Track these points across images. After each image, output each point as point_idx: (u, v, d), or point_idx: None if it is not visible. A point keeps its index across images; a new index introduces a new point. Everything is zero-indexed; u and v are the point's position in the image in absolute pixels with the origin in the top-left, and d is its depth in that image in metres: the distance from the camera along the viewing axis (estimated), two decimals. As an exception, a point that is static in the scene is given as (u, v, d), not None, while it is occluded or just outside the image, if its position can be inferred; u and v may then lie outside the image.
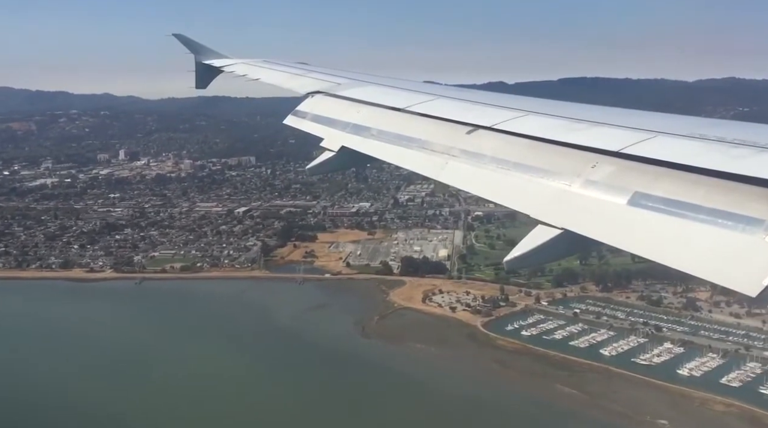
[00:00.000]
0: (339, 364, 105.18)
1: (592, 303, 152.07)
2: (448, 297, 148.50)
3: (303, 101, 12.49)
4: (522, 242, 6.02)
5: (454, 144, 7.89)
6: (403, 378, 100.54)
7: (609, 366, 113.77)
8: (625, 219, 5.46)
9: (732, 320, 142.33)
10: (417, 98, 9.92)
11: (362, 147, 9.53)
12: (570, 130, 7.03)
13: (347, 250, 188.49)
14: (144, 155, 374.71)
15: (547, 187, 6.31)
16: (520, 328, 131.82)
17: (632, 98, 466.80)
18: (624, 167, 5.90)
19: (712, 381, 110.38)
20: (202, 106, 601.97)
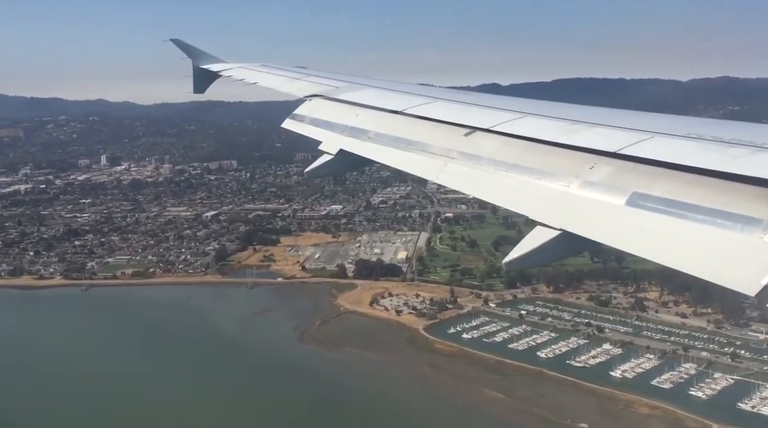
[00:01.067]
0: (264, 370, 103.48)
1: (542, 304, 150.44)
2: (396, 301, 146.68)
3: (301, 105, 12.27)
4: (521, 243, 5.91)
5: (453, 146, 7.78)
6: (327, 384, 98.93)
7: (543, 368, 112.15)
8: (623, 219, 5.38)
9: (677, 320, 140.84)
10: (415, 101, 9.78)
11: (361, 150, 9.38)
12: (568, 131, 6.97)
13: (307, 254, 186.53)
14: (127, 160, 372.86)
15: (545, 188, 6.24)
16: (463, 331, 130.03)
17: (626, 98, 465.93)
18: (622, 168, 5.84)
19: (643, 383, 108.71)
20: (195, 110, 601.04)
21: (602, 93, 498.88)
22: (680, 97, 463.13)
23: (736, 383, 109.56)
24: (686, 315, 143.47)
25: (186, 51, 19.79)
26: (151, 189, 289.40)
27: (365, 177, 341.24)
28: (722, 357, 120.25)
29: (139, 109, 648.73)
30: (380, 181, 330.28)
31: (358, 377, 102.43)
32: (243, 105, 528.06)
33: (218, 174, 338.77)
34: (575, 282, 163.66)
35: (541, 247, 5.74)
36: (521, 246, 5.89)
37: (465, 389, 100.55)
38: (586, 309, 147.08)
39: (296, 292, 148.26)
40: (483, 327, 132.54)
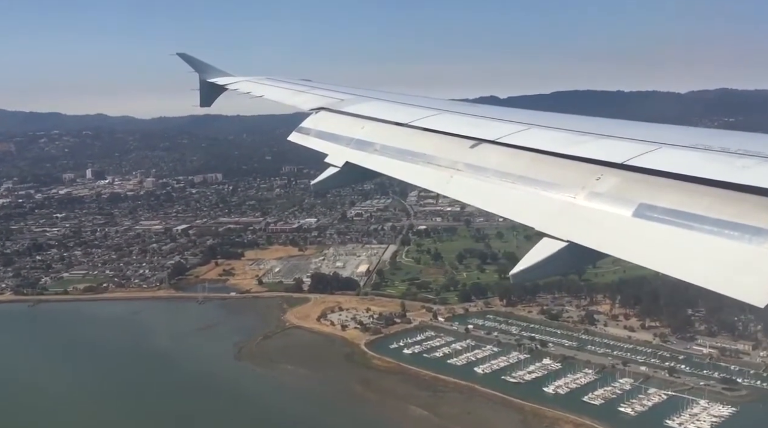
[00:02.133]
0: (188, 388, 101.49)
1: (492, 318, 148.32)
2: (345, 315, 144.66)
3: (307, 118, 12.10)
4: (527, 255, 5.77)
5: (459, 158, 7.68)
6: (248, 403, 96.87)
7: (477, 384, 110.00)
8: (630, 230, 5.28)
9: (625, 334, 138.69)
10: (420, 113, 9.66)
11: (366, 162, 9.24)
12: (574, 142, 6.86)
13: (267, 267, 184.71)
14: (115, 174, 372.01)
15: (551, 200, 6.15)
16: (405, 346, 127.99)
17: (625, 110, 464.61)
18: (629, 179, 5.74)
19: (574, 399, 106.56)
20: (192, 124, 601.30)
21: (601, 105, 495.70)
22: (677, 109, 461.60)
23: (668, 399, 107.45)
24: (634, 329, 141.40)
25: (192, 65, 19.62)
26: (129, 202, 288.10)
27: (347, 189, 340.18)
28: (660, 372, 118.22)
29: (138, 124, 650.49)
30: (361, 193, 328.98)
31: (284, 395, 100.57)
32: (241, 118, 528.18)
33: (201, 187, 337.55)
34: (529, 296, 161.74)
35: (548, 259, 5.61)
36: (528, 258, 5.75)
37: (391, 407, 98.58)
38: (535, 323, 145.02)
39: (246, 307, 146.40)
40: (426, 342, 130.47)
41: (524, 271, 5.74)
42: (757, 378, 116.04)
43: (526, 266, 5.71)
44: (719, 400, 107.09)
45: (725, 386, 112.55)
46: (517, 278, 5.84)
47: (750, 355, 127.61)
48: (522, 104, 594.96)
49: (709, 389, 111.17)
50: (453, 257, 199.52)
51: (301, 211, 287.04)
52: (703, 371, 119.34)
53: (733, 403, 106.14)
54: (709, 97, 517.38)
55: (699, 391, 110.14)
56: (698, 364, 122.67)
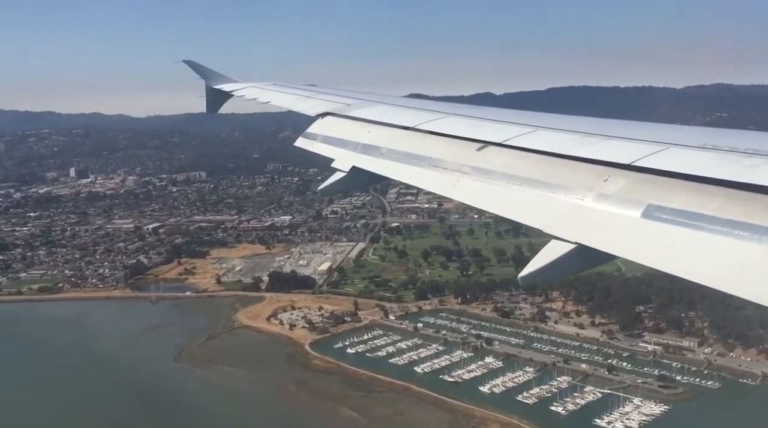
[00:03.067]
0: (121, 390, 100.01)
1: (444, 316, 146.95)
2: (296, 314, 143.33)
3: (313, 123, 11.96)
4: (536, 257, 5.69)
5: (465, 161, 7.58)
6: (176, 405, 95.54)
7: (413, 384, 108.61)
8: (639, 232, 5.21)
9: (574, 331, 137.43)
10: (426, 116, 9.58)
11: (373, 166, 9.14)
12: (581, 143, 6.79)
13: (230, 266, 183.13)
14: (100, 172, 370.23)
15: (559, 202, 6.06)
16: (349, 346, 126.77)
17: (621, 106, 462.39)
18: (637, 180, 5.67)
19: (508, 398, 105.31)
20: (186, 123, 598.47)
21: (597, 101, 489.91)
22: (671, 104, 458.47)
23: (603, 397, 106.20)
24: (584, 326, 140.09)
25: (198, 72, 19.56)
26: (106, 201, 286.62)
27: None
28: (600, 370, 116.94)
29: (134, 122, 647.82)
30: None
31: (214, 396, 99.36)
32: (235, 116, 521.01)
33: (183, 185, 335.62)
34: (485, 293, 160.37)
35: (557, 261, 5.51)
36: (537, 261, 5.65)
37: (322, 408, 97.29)
38: (486, 321, 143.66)
39: (199, 307, 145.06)
40: (372, 342, 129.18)
41: (533, 274, 5.64)
42: (695, 376, 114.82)
43: (534, 268, 5.63)
44: (653, 398, 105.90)
45: (662, 384, 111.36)
46: (526, 280, 5.72)
47: (694, 352, 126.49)
48: (518, 101, 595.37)
49: (646, 387, 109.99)
50: (419, 255, 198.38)
51: (278, 209, 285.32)
52: (644, 368, 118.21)
53: (667, 401, 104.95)
54: (705, 93, 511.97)
55: (635, 389, 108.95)
56: (641, 362, 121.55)
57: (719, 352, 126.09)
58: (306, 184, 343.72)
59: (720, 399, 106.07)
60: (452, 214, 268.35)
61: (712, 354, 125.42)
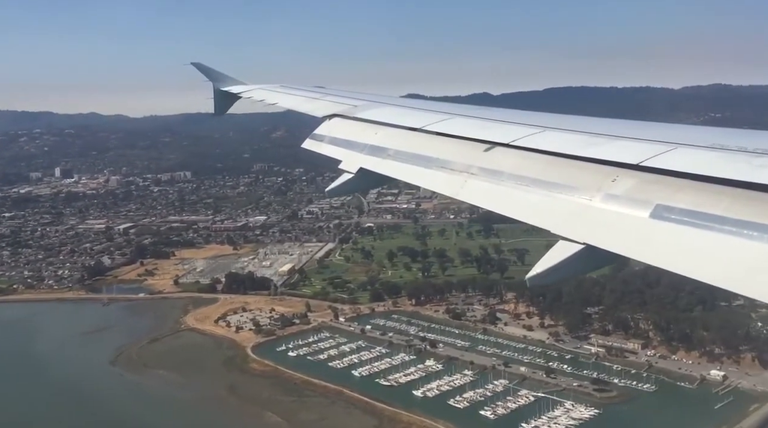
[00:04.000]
0: (48, 394, 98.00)
1: (396, 318, 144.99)
2: (246, 316, 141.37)
3: (320, 124, 11.80)
4: (544, 258, 5.62)
5: (473, 162, 7.51)
6: (99, 409, 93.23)
7: (346, 388, 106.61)
8: (647, 232, 5.14)
9: (522, 333, 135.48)
10: (434, 118, 9.44)
11: (381, 168, 9.02)
12: (588, 144, 6.72)
13: (192, 267, 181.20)
14: (86, 172, 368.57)
15: (567, 202, 5.99)
16: (293, 348, 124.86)
17: (618, 106, 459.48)
18: (644, 180, 5.60)
19: (440, 402, 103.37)
20: (182, 123, 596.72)
21: (594, 101, 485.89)
22: (669, 104, 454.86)
23: (535, 401, 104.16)
24: (532, 328, 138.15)
25: (206, 74, 19.39)
26: (85, 201, 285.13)
27: (312, 187, 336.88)
28: (539, 373, 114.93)
29: (131, 122, 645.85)
30: (320, 190, 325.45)
31: (139, 401, 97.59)
32: (231, 116, 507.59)
33: (167, 185, 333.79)
34: (441, 294, 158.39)
35: (565, 262, 5.44)
36: (544, 261, 5.58)
37: (247, 413, 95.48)
38: (437, 323, 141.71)
39: (150, 308, 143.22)
40: (316, 344, 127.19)
41: (540, 275, 5.54)
42: (633, 379, 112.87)
43: (542, 269, 5.53)
44: (586, 402, 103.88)
45: (596, 387, 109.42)
46: (534, 281, 5.62)
47: (637, 354, 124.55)
48: (515, 101, 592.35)
49: (581, 390, 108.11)
50: (384, 255, 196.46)
51: (255, 209, 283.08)
52: (583, 371, 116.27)
53: (599, 405, 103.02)
54: (703, 93, 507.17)
55: (570, 392, 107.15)
56: (582, 364, 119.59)
57: (662, 354, 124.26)
58: (290, 183, 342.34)
59: (652, 403, 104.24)
60: (429, 214, 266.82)
61: (655, 356, 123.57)
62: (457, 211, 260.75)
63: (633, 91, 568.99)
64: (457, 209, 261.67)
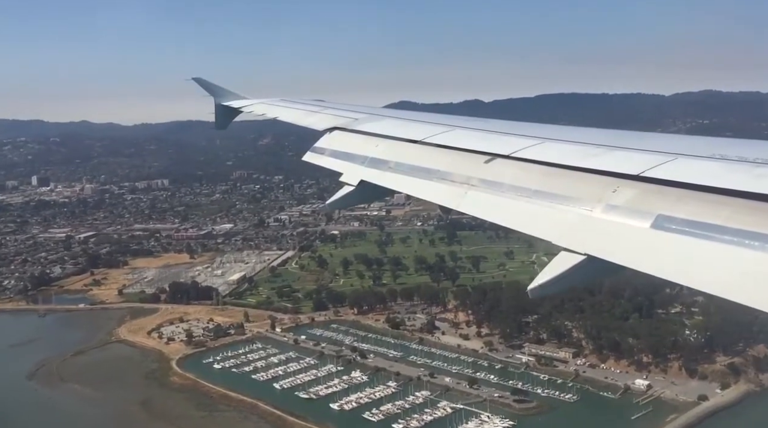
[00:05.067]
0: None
1: (335, 328, 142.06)
2: (182, 327, 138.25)
3: (321, 137, 11.66)
4: (545, 269, 5.59)
5: (473, 173, 7.48)
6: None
7: (262, 402, 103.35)
8: (649, 242, 5.08)
9: (457, 342, 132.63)
10: (434, 130, 9.39)
11: (381, 180, 8.94)
12: (588, 155, 6.68)
13: (140, 277, 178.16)
14: (66, 180, 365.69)
15: (568, 213, 5.92)
16: (220, 360, 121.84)
17: (609, 113, 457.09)
18: (645, 190, 5.55)
19: (354, 416, 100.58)
20: (171, 131, 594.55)
21: (585, 108, 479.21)
22: (657, 111, 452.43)
23: (453, 413, 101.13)
24: (468, 337, 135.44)
25: (207, 89, 19.30)
26: (54, 210, 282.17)
27: (287, 194, 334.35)
28: (463, 383, 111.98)
29: (122, 130, 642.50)
30: (295, 198, 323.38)
31: (45, 418, 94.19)
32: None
33: (142, 193, 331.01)
34: (384, 303, 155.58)
35: (566, 273, 5.39)
36: (546, 272, 5.53)
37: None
38: (375, 332, 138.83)
39: (87, 320, 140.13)
40: (245, 356, 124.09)
41: (542, 286, 5.49)
42: (557, 389, 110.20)
43: (544, 280, 5.49)
44: (503, 413, 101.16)
45: (517, 398, 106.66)
46: (535, 293, 5.53)
47: (567, 363, 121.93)
48: (507, 108, 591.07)
49: (501, 401, 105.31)
50: (340, 263, 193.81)
51: (225, 217, 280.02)
52: (509, 381, 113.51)
53: (515, 416, 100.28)
54: (693, 99, 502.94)
55: (489, 404, 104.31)
56: (510, 374, 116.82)
57: (591, 363, 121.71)
58: (266, 191, 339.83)
59: (569, 414, 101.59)
60: (397, 221, 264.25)
61: (584, 365, 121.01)
62: (425, 218, 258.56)
63: (624, 98, 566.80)
64: (427, 216, 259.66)
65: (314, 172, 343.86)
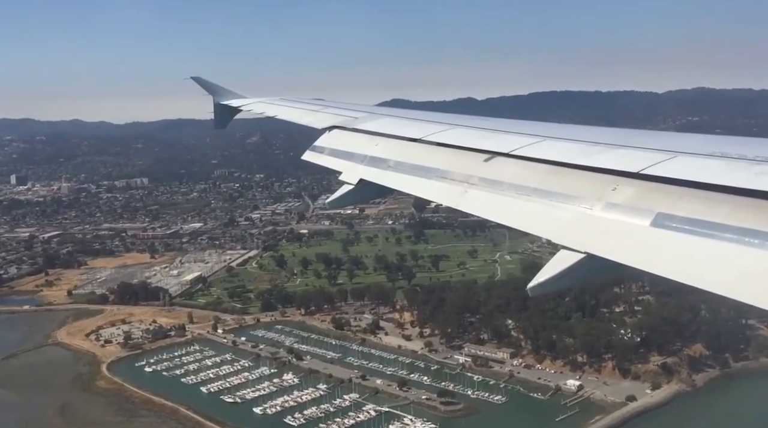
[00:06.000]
0: None
1: (280, 329, 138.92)
2: (123, 329, 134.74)
3: (320, 136, 11.40)
4: (545, 268, 5.45)
5: (473, 172, 7.34)
6: None
7: (183, 407, 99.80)
8: (649, 240, 4.99)
9: (399, 343, 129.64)
10: (433, 128, 9.23)
11: (381, 179, 8.78)
12: (588, 153, 6.55)
13: (94, 277, 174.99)
14: (47, 180, 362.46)
15: (568, 212, 5.81)
16: (154, 363, 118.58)
17: (602, 110, 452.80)
18: (645, 188, 5.44)
19: (275, 421, 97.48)
20: (162, 129, 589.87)
21: (579, 105, 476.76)
22: (648, 108, 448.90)
23: (376, 416, 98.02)
24: (411, 338, 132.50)
25: (206, 88, 18.91)
26: (26, 209, 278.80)
27: (266, 192, 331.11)
28: (394, 385, 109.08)
29: (113, 129, 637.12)
30: (273, 196, 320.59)
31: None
32: (209, 123, 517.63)
33: (120, 192, 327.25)
34: (333, 304, 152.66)
35: (566, 271, 5.27)
36: (545, 271, 5.38)
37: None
38: (319, 333, 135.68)
39: (28, 322, 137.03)
40: (179, 359, 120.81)
41: (542, 284, 5.35)
42: (488, 390, 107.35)
43: (543, 279, 5.34)
44: (428, 416, 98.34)
45: (444, 400, 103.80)
46: (535, 291, 5.38)
47: (503, 364, 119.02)
48: (500, 105, 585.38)
49: (428, 403, 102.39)
50: (299, 263, 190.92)
51: (198, 216, 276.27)
52: (441, 383, 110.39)
53: (439, 419, 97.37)
54: (686, 97, 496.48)
55: (416, 406, 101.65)
56: (444, 375, 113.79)
57: (528, 364, 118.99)
58: (246, 189, 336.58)
59: (494, 416, 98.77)
60: (369, 220, 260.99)
61: (520, 365, 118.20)
62: (398, 216, 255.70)
63: (617, 95, 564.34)
64: (400, 214, 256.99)
65: (296, 170, 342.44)
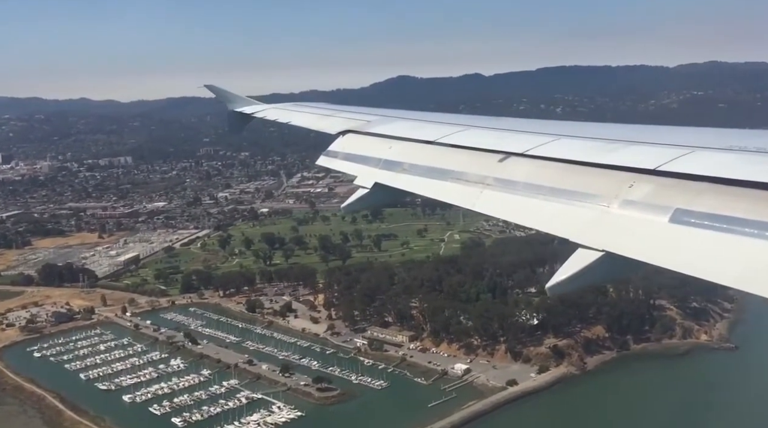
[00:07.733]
0: None
1: (192, 311, 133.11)
2: (33, 312, 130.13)
3: (334, 141, 11.11)
4: (563, 266, 5.27)
5: (488, 172, 7.15)
6: None
7: (52, 394, 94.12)
8: (667, 237, 4.83)
9: (304, 325, 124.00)
10: (447, 130, 8.99)
11: (395, 182, 8.52)
12: (603, 150, 6.34)
13: (28, 258, 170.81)
14: (34, 158, 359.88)
15: (584, 210, 5.63)
16: (47, 348, 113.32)
17: (612, 85, 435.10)
18: (662, 185, 5.27)
19: (140, 409, 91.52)
20: (166, 108, 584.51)
21: (587, 80, 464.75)
22: (657, 83, 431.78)
23: (250, 403, 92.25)
24: (318, 321, 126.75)
25: (219, 95, 18.62)
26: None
27: (244, 171, 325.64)
28: (277, 371, 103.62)
29: (120, 107, 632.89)
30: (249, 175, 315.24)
31: None
32: (213, 101, 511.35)
33: (101, 171, 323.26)
34: (254, 285, 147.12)
35: (584, 270, 5.10)
36: (564, 270, 5.20)
37: None
38: (230, 316, 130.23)
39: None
40: (74, 343, 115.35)
41: (560, 283, 5.18)
42: (370, 375, 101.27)
43: (562, 278, 5.18)
44: (302, 403, 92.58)
45: (320, 386, 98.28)
46: (554, 290, 5.22)
47: (401, 347, 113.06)
48: (508, 81, 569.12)
49: (304, 390, 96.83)
50: (241, 243, 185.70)
51: (165, 195, 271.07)
52: (328, 368, 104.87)
53: (309, 406, 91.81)
54: (698, 71, 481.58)
55: (292, 392, 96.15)
56: (336, 359, 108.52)
57: (424, 347, 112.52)
58: (227, 167, 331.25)
59: (368, 402, 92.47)
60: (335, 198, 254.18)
61: (416, 349, 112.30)
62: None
63: (627, 70, 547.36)
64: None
65: (284, 147, 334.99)
